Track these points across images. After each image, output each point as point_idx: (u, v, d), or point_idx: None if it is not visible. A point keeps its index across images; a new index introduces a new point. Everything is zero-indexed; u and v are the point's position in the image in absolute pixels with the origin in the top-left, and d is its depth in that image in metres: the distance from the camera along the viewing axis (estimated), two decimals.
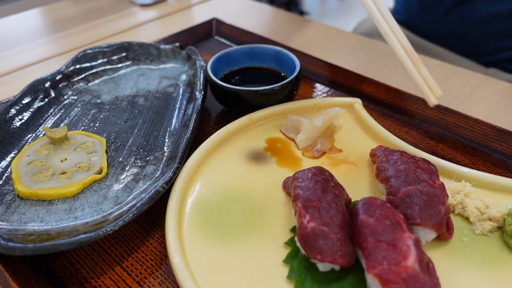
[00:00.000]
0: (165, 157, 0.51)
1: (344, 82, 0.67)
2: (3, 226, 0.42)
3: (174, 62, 0.70)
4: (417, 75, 0.51)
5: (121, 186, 0.47)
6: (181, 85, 0.65)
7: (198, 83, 0.60)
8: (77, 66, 0.66)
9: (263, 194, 0.46)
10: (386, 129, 0.54)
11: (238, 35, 0.80)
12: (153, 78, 0.67)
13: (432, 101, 0.50)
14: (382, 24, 0.53)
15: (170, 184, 0.45)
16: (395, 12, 1.02)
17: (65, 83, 0.64)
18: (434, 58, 0.77)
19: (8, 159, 0.51)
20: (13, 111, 0.56)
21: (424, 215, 0.38)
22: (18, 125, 0.55)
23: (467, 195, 0.43)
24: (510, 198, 0.44)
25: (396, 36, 0.53)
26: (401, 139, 0.53)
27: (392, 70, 0.73)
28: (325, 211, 0.37)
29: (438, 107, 0.58)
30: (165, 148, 0.52)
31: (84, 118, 0.59)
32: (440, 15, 0.88)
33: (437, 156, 0.52)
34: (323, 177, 0.41)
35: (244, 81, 0.64)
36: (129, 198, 0.45)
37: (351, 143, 0.53)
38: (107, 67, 0.68)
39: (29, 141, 0.54)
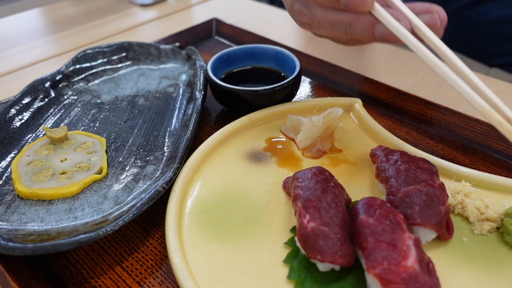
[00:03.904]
0: (165, 157, 0.51)
1: (344, 82, 0.67)
2: (3, 226, 0.42)
3: (174, 62, 0.70)
4: None
5: (121, 186, 0.47)
6: (181, 85, 0.65)
7: (198, 83, 0.60)
8: (77, 66, 0.66)
9: (263, 194, 0.46)
10: (386, 129, 0.54)
11: (238, 35, 0.80)
12: (153, 78, 0.67)
13: None
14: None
15: (170, 184, 0.45)
16: None
17: (65, 83, 0.64)
18: None
19: (8, 159, 0.51)
20: (13, 111, 0.56)
21: (424, 215, 0.38)
22: (18, 125, 0.55)
23: (467, 195, 0.43)
24: (510, 198, 0.44)
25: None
26: (401, 139, 0.53)
27: (392, 70, 0.73)
28: (325, 211, 0.37)
29: (438, 107, 0.58)
30: (165, 148, 0.52)
31: (84, 118, 0.59)
32: None
33: (437, 156, 0.52)
34: (323, 177, 0.41)
35: (244, 81, 0.64)
36: (129, 198, 0.45)
37: (351, 143, 0.53)
38: (107, 67, 0.68)
39: (29, 141, 0.54)
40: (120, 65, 0.69)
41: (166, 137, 0.54)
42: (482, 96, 0.38)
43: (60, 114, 0.59)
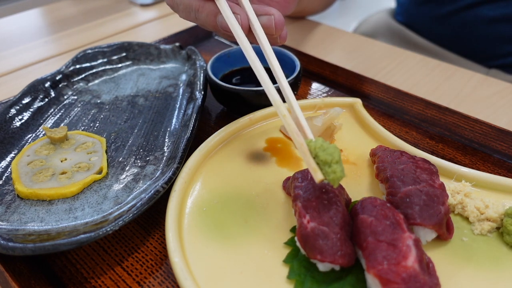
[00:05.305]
0: (165, 157, 0.51)
1: (344, 82, 0.67)
2: (3, 226, 0.42)
3: (174, 62, 0.70)
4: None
5: (121, 186, 0.47)
6: (181, 85, 0.65)
7: (198, 83, 0.60)
8: (77, 66, 0.66)
9: (263, 194, 0.46)
10: (386, 129, 0.54)
11: None
12: (153, 78, 0.67)
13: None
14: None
15: (170, 184, 0.45)
16: (396, 14, 1.02)
17: (65, 83, 0.64)
18: (434, 58, 0.77)
19: (8, 159, 0.51)
20: (13, 111, 0.56)
21: (424, 215, 0.38)
22: (18, 125, 0.55)
23: (467, 195, 0.43)
24: (511, 198, 0.44)
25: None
26: (401, 139, 0.53)
27: (392, 70, 0.73)
28: (324, 211, 0.37)
29: (438, 107, 0.58)
30: (165, 148, 0.52)
31: (84, 118, 0.59)
32: (442, 19, 0.88)
33: (437, 156, 0.52)
34: None
35: (244, 81, 0.64)
36: (129, 198, 0.45)
37: (351, 143, 0.53)
38: (107, 67, 0.68)
39: (29, 141, 0.54)
40: (120, 65, 0.69)
41: (166, 137, 0.54)
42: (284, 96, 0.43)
43: (60, 114, 0.59)
